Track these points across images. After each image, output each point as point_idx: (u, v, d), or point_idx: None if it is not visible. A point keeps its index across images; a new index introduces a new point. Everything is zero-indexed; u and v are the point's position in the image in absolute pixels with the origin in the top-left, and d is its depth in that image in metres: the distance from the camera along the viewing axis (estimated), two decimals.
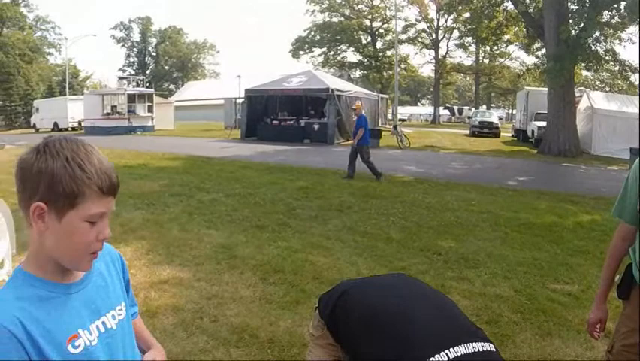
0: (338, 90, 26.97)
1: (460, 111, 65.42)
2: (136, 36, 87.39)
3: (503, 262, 6.60)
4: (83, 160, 1.31)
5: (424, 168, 16.64)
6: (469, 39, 56.03)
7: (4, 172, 12.61)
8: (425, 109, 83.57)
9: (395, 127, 27.22)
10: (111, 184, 1.36)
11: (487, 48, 57.09)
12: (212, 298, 5.31)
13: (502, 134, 35.86)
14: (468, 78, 79.67)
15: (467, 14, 50.87)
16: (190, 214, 9.14)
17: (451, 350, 1.71)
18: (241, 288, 5.59)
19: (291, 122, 27.79)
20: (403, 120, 61.56)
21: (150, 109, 36.49)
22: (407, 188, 12.65)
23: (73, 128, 39.72)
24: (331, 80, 30.70)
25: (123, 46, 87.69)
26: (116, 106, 35.43)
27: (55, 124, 40.69)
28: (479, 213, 9.63)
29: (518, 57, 58.64)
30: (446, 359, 1.68)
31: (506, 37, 41.03)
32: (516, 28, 35.64)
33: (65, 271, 1.41)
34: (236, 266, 6.28)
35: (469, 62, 64.24)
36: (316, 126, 26.22)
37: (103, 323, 1.46)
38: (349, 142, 27.61)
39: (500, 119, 45.72)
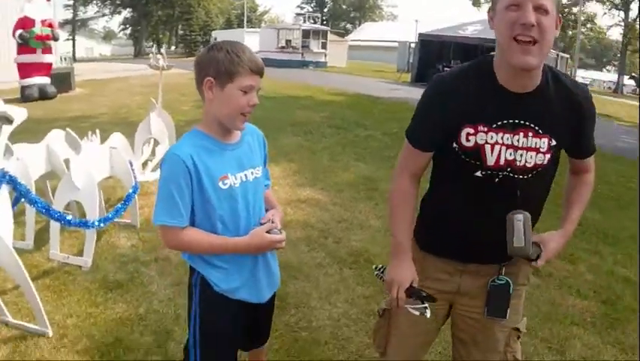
0: None
1: None
2: None
3: None
4: (238, 51, 1.94)
5: None
6: None
7: (175, 92, 13.69)
8: (609, 76, 74.74)
9: None
10: (257, 66, 1.97)
11: None
12: (342, 221, 5.50)
13: None
14: None
15: None
16: (343, 146, 9.37)
17: None
18: (371, 218, 5.71)
19: None
20: (584, 85, 56.72)
21: (324, 45, 37.09)
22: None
23: None
24: None
25: None
26: (290, 40, 36.43)
27: None
28: (635, 191, 8.60)
29: None
30: None
31: None
32: None
33: (226, 134, 2.05)
34: (373, 198, 6.40)
35: None
36: None
37: (244, 174, 2.07)
38: None
39: None
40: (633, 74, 64.05)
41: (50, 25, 13.68)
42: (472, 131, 1.80)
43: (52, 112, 11.15)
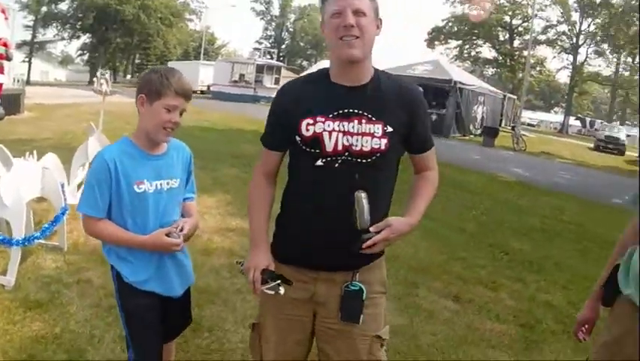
0: (461, 83, 26.56)
1: (592, 124, 60.47)
2: (275, 10, 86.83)
3: (569, 272, 6.25)
4: (168, 75, 2.32)
5: (530, 172, 16.09)
6: (605, 46, 52.78)
7: (121, 120, 13.73)
8: (556, 117, 77.62)
9: (513, 128, 26.49)
10: (183, 90, 2.34)
11: (630, 60, 53.41)
12: None
13: (628, 153, 33.42)
14: (606, 90, 73.56)
15: (602, 19, 48.12)
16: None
17: None
18: None
19: None
20: (532, 125, 58.70)
21: (277, 81, 37.59)
22: (504, 188, 12.47)
23: (202, 92, 41.14)
24: (457, 72, 30.20)
25: (262, 19, 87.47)
26: (244, 75, 37.06)
27: None
28: (568, 223, 9.27)
29: None
30: None
31: None
32: None
33: (151, 146, 2.42)
34: None
35: (607, 72, 59.54)
36: (434, 117, 25.79)
37: (160, 183, 2.42)
38: (465, 137, 27.22)
39: (628, 136, 42.02)
40: (579, 115, 66.56)
41: (5, 45, 13.55)
42: (311, 121, 2.07)
43: None
